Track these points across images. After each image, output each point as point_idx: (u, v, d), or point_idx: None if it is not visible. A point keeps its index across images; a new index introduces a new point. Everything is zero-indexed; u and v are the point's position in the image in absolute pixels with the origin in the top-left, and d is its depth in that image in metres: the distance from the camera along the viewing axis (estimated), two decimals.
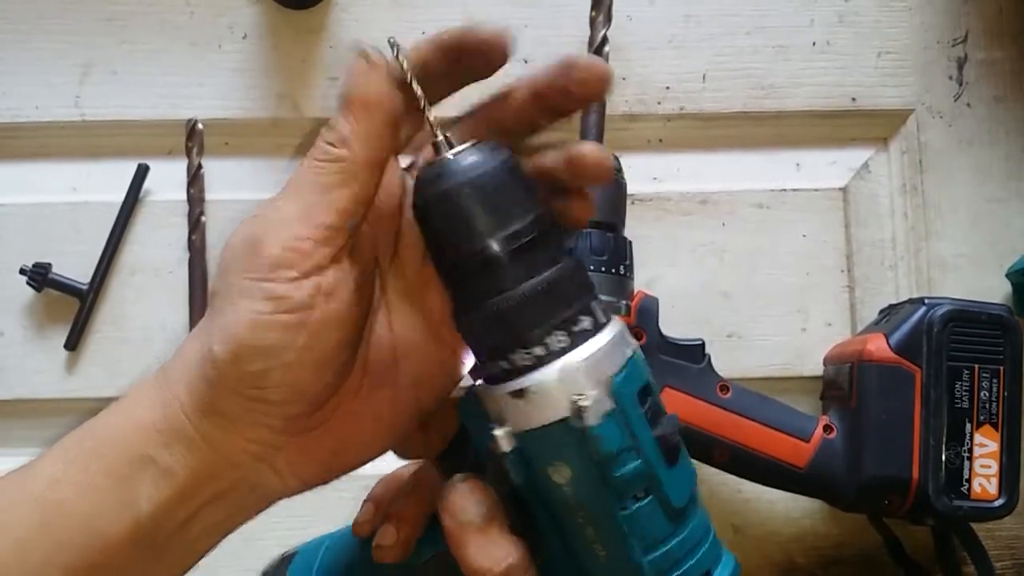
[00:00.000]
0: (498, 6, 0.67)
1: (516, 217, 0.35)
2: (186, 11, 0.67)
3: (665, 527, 0.36)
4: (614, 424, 0.34)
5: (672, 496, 0.36)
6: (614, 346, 0.35)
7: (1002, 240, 0.67)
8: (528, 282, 0.35)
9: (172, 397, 0.35)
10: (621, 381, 0.35)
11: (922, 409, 0.58)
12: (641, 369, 0.36)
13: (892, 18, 0.68)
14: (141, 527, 0.35)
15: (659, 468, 0.35)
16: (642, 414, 0.35)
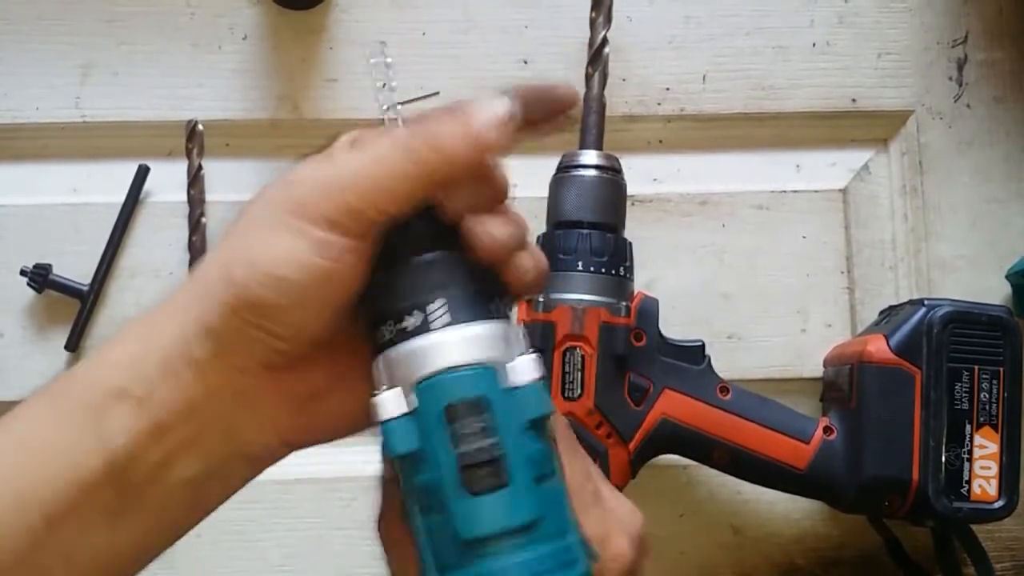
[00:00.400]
0: (498, 6, 0.67)
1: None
2: (186, 12, 0.67)
3: (454, 555, 0.34)
4: (405, 428, 0.34)
5: (460, 525, 0.33)
6: (430, 352, 0.34)
7: (1002, 241, 0.67)
8: (389, 268, 0.36)
9: (158, 329, 0.36)
10: (425, 388, 0.34)
11: (922, 410, 0.58)
12: (461, 386, 0.34)
13: (892, 19, 0.68)
14: (116, 463, 0.35)
15: (451, 490, 0.33)
16: (445, 429, 0.34)
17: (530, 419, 0.35)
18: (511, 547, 0.33)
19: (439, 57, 0.67)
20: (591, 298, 0.56)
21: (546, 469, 0.35)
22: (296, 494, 0.65)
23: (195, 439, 0.36)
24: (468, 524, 0.33)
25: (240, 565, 0.65)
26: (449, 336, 0.35)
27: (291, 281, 0.34)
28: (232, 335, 0.35)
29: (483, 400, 0.34)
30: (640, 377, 0.57)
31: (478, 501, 0.33)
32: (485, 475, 0.33)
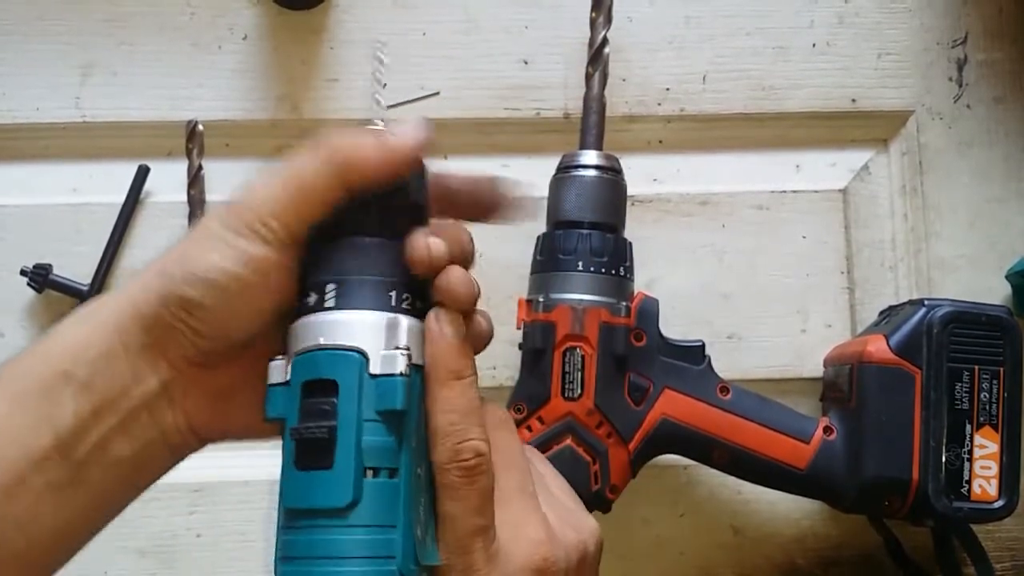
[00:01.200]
0: (498, 6, 0.67)
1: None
2: (186, 12, 0.67)
3: (281, 518, 0.38)
4: (280, 395, 0.38)
5: (283, 492, 0.37)
6: (312, 330, 0.38)
7: (1002, 241, 0.68)
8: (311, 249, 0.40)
9: (103, 317, 0.40)
10: (296, 362, 0.38)
11: (922, 410, 0.58)
12: (321, 364, 0.37)
13: (892, 19, 0.68)
14: (62, 441, 0.38)
15: (286, 460, 0.37)
16: (298, 403, 0.37)
17: (379, 411, 0.37)
18: (321, 527, 0.36)
19: (439, 57, 0.67)
20: (591, 298, 0.56)
21: (383, 463, 0.37)
22: None
23: (127, 422, 0.40)
24: (289, 494, 0.37)
25: (240, 565, 0.65)
26: (329, 317, 0.38)
27: (215, 285, 0.38)
28: (162, 328, 0.39)
29: (334, 383, 0.37)
30: (640, 377, 0.57)
31: (300, 476, 0.37)
32: (311, 453, 0.36)
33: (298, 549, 0.37)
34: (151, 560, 0.64)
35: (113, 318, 0.39)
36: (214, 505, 0.65)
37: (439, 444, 0.38)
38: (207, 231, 0.39)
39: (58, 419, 0.38)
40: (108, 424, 0.39)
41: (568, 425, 0.56)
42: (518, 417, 0.56)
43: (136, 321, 0.39)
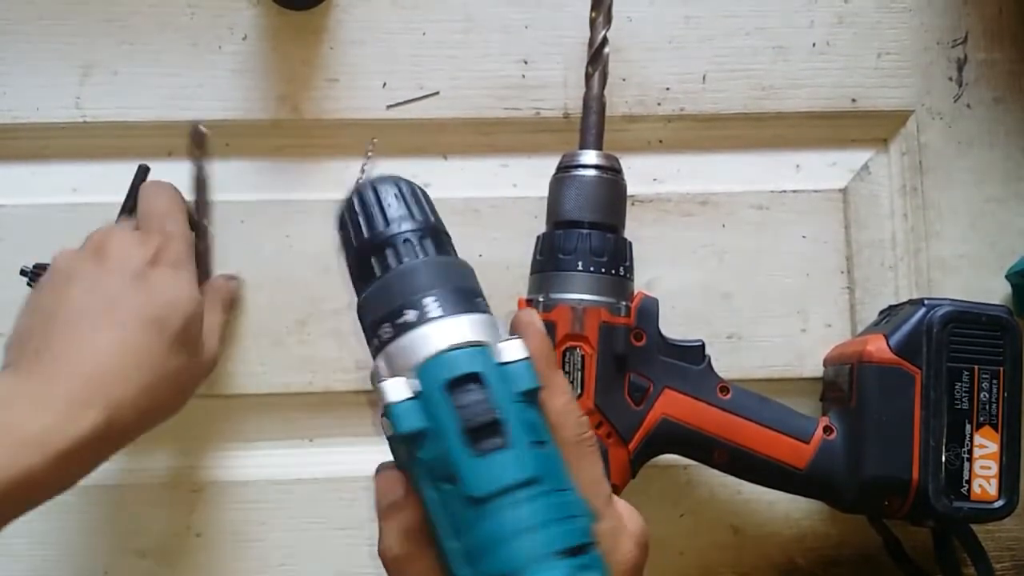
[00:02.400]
0: (498, 6, 0.67)
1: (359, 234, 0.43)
2: (186, 12, 0.67)
3: (467, 516, 0.37)
4: (412, 408, 0.38)
5: (470, 485, 0.37)
6: (428, 338, 0.39)
7: (1002, 241, 0.68)
8: (374, 281, 0.41)
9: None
10: (426, 368, 0.38)
11: (922, 410, 0.58)
12: (459, 362, 0.38)
13: (892, 19, 0.68)
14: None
15: (459, 456, 0.37)
16: (448, 402, 0.38)
17: (522, 391, 0.39)
18: (517, 501, 0.37)
19: (439, 57, 0.67)
20: (591, 298, 0.56)
21: (542, 436, 0.39)
22: (296, 494, 0.65)
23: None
24: (477, 483, 0.37)
25: (240, 565, 0.65)
26: (444, 323, 0.39)
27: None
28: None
29: (479, 373, 0.38)
30: (640, 377, 0.57)
31: (484, 461, 0.37)
32: (488, 437, 0.37)
33: (496, 532, 0.36)
34: (151, 560, 0.64)
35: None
36: (214, 505, 0.65)
37: (566, 421, 0.41)
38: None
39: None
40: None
41: None
42: None
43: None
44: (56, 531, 0.63)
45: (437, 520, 0.38)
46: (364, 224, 0.43)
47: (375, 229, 0.42)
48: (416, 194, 0.44)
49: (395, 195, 0.43)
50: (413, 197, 0.44)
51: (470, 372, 0.38)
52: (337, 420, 0.66)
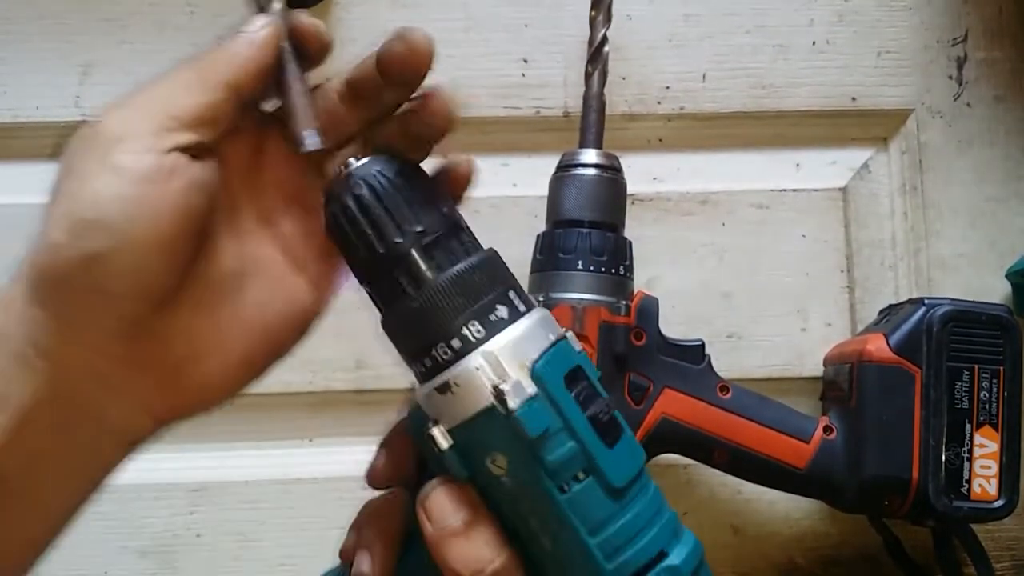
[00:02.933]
0: (498, 6, 0.67)
1: (421, 217, 0.37)
2: (186, 11, 0.67)
3: (608, 507, 0.36)
4: (539, 407, 0.35)
5: (611, 476, 0.36)
6: (534, 333, 0.36)
7: (1002, 240, 0.67)
8: (439, 276, 0.36)
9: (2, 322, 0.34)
10: (543, 365, 0.36)
11: (922, 409, 0.58)
12: (568, 354, 0.37)
13: (892, 18, 0.68)
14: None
15: (595, 448, 0.36)
16: (570, 396, 0.36)
17: (597, 378, 0.38)
18: (644, 485, 0.37)
19: (439, 56, 0.67)
20: (591, 297, 0.56)
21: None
22: (296, 494, 0.65)
23: (62, 426, 0.35)
24: (617, 473, 0.36)
25: (240, 565, 0.65)
26: (536, 317, 0.37)
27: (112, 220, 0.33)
28: (69, 309, 0.33)
29: (580, 366, 0.37)
30: (640, 376, 0.57)
31: (616, 451, 0.36)
32: (612, 428, 0.36)
33: (639, 517, 0.36)
34: (151, 560, 0.64)
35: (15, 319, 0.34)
36: (214, 505, 0.65)
37: None
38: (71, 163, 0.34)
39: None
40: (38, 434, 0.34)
41: None
42: None
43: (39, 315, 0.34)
44: None
45: (564, 521, 0.36)
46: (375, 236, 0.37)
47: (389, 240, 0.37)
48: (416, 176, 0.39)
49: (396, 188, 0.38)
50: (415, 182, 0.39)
51: (576, 366, 0.37)
52: (337, 420, 0.66)
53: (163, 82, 0.36)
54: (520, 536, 0.37)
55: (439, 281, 0.36)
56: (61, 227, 0.33)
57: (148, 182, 0.33)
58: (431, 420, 0.37)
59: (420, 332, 0.36)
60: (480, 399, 0.35)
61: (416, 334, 0.37)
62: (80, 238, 0.33)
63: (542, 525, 0.36)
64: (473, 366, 0.35)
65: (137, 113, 0.34)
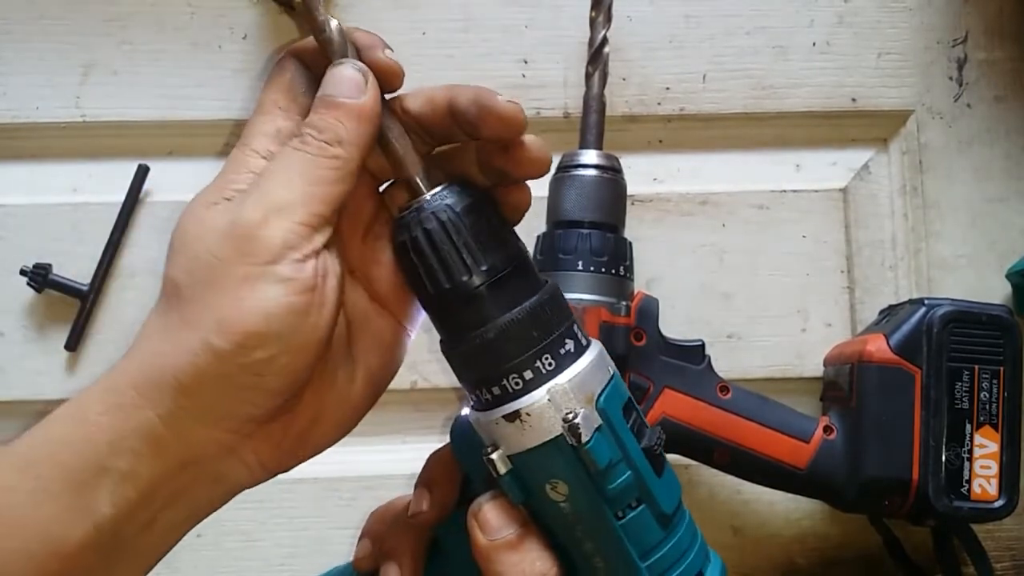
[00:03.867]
0: (498, 6, 0.67)
1: (491, 252, 0.37)
2: (186, 12, 0.67)
3: (658, 533, 0.38)
4: (604, 439, 0.36)
5: (663, 503, 0.38)
6: (597, 366, 0.37)
7: (1002, 240, 0.67)
8: (510, 312, 0.37)
9: (134, 400, 0.35)
10: (606, 398, 0.37)
11: (922, 410, 0.58)
12: (621, 386, 0.38)
13: (892, 18, 0.68)
14: (102, 532, 0.34)
15: (649, 478, 0.37)
16: (628, 428, 0.37)
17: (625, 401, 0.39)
18: (683, 509, 0.39)
19: (439, 57, 0.67)
20: (591, 297, 0.56)
21: None
22: (296, 494, 0.65)
23: (183, 493, 0.36)
24: (668, 500, 0.38)
25: (240, 565, 0.65)
26: (597, 351, 0.38)
27: (281, 331, 0.34)
28: (224, 403, 0.35)
29: (631, 398, 0.38)
30: (640, 376, 0.57)
31: (664, 479, 0.38)
32: (660, 457, 0.38)
33: (683, 540, 0.39)
34: None
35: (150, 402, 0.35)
36: None
37: None
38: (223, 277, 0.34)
39: (96, 512, 0.34)
40: (158, 503, 0.36)
41: None
42: None
43: (183, 400, 0.35)
44: None
45: (619, 546, 0.37)
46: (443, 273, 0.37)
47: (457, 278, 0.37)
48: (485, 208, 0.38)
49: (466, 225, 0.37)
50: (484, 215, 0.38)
51: (629, 398, 0.38)
52: None
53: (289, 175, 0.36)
54: (571, 557, 0.38)
55: (510, 317, 0.37)
56: (223, 336, 0.34)
57: (310, 290, 0.35)
58: (490, 446, 0.37)
59: (491, 363, 0.37)
60: (549, 430, 0.36)
61: (486, 364, 0.37)
62: (249, 347, 0.34)
63: (596, 548, 0.38)
64: (545, 398, 0.36)
65: (290, 217, 0.35)
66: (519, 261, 0.38)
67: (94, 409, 0.35)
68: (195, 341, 0.34)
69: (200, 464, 0.36)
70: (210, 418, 0.35)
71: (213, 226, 0.36)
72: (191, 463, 0.36)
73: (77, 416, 0.35)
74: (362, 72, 0.38)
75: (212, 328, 0.34)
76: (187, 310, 0.35)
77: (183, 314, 0.35)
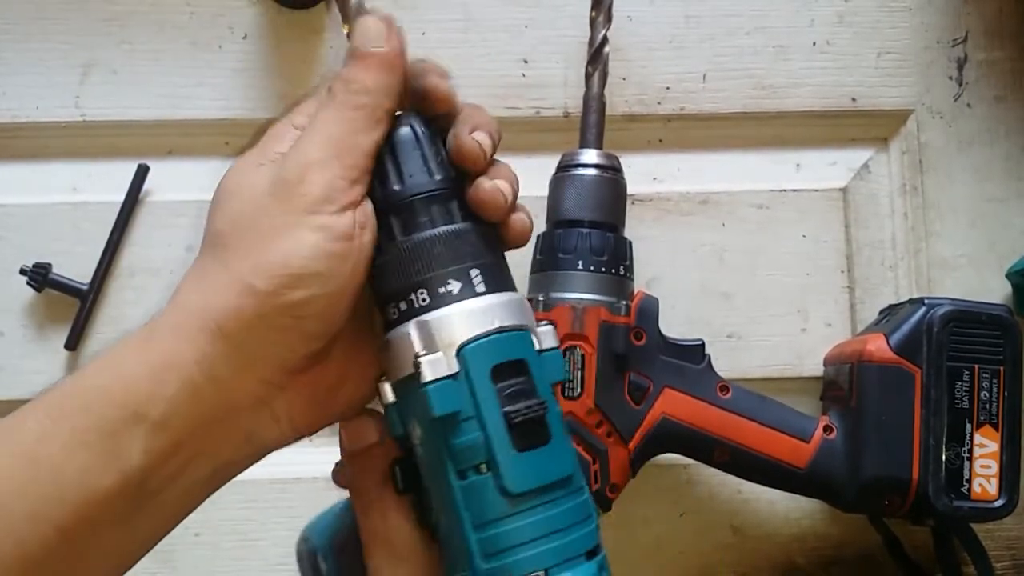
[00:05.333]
0: (498, 6, 0.67)
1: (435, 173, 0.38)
2: (186, 11, 0.67)
3: (501, 508, 0.35)
4: (452, 389, 0.35)
5: (509, 480, 0.35)
6: (481, 315, 0.36)
7: (1002, 240, 0.67)
8: (408, 238, 0.37)
9: (172, 347, 0.36)
10: (474, 349, 0.36)
11: (922, 409, 0.58)
12: (515, 346, 0.37)
13: (892, 18, 0.68)
14: (130, 480, 0.35)
15: (500, 446, 0.35)
16: (492, 388, 0.36)
17: (554, 382, 0.37)
18: (552, 500, 0.36)
19: (439, 57, 0.66)
20: (591, 297, 0.56)
21: (567, 429, 0.38)
22: (296, 494, 0.65)
23: (212, 448, 0.37)
24: (518, 479, 0.35)
25: (239, 565, 0.65)
26: (490, 300, 0.37)
27: (319, 273, 0.36)
28: (257, 345, 0.36)
29: (524, 362, 0.36)
30: (640, 376, 0.57)
31: (526, 456, 0.35)
32: (531, 432, 0.36)
33: (529, 529, 0.35)
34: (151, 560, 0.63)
35: (190, 350, 0.36)
36: (214, 505, 0.64)
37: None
38: (268, 223, 0.36)
39: (127, 459, 0.35)
40: (187, 455, 0.36)
41: (568, 424, 0.56)
42: None
43: (226, 351, 0.36)
44: None
45: (453, 507, 0.36)
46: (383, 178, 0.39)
47: (392, 186, 0.38)
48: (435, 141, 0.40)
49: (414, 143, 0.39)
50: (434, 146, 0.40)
51: (516, 360, 0.36)
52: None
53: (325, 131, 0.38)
54: (429, 505, 0.38)
55: (404, 242, 0.37)
56: (264, 277, 0.36)
57: (348, 239, 0.36)
58: (382, 373, 0.38)
59: (381, 286, 0.38)
60: (407, 365, 0.36)
61: (380, 288, 0.38)
62: (288, 287, 0.35)
63: (439, 503, 0.37)
64: (406, 332, 0.36)
65: (327, 171, 0.37)
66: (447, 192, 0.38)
67: (131, 359, 0.36)
68: (236, 284, 0.36)
69: (233, 418, 0.37)
70: (247, 363, 0.36)
71: (255, 182, 0.38)
72: (225, 416, 0.37)
73: (113, 366, 0.36)
74: (385, 22, 0.39)
75: (253, 270, 0.36)
76: (228, 256, 0.37)
77: (224, 260, 0.37)
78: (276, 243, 0.36)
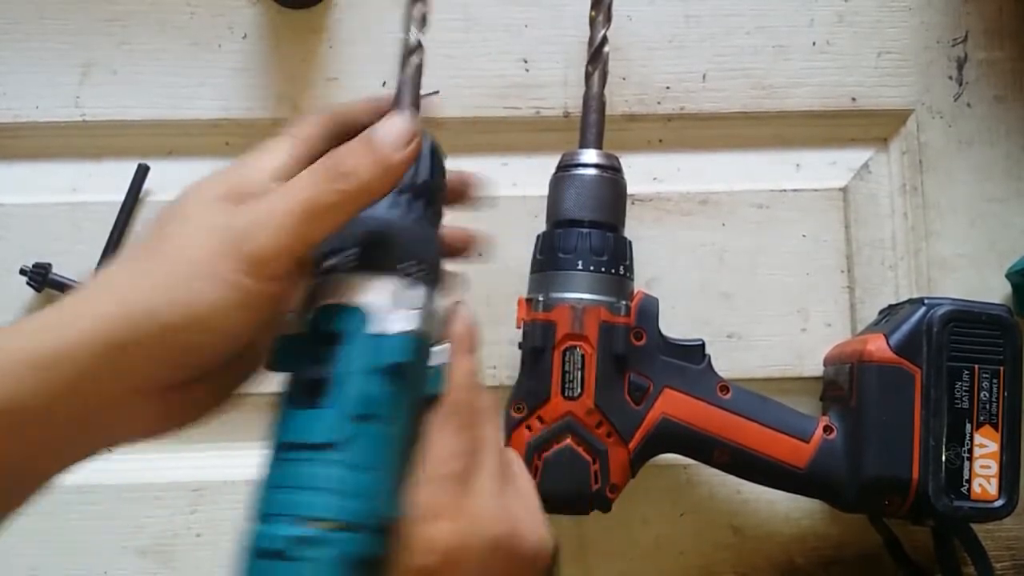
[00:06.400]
0: (498, 6, 0.67)
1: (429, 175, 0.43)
2: (186, 11, 0.67)
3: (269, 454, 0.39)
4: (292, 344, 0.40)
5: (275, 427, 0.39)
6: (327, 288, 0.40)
7: (1002, 240, 0.67)
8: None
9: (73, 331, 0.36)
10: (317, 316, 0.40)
11: (922, 409, 0.58)
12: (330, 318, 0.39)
13: (892, 18, 0.68)
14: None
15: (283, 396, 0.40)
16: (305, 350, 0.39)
17: (381, 365, 0.39)
18: (309, 459, 0.38)
19: (439, 57, 0.67)
20: (591, 297, 0.56)
21: (378, 412, 0.38)
22: None
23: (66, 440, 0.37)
24: (280, 428, 0.39)
25: None
26: (345, 278, 0.40)
27: (213, 329, 0.37)
28: (144, 363, 0.36)
29: (338, 334, 0.39)
30: (640, 376, 0.57)
31: (293, 413, 0.39)
32: (306, 393, 0.38)
33: (284, 479, 0.38)
34: (151, 560, 0.64)
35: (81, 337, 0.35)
36: (214, 505, 0.65)
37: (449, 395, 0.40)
38: (204, 266, 0.37)
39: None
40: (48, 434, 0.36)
41: (568, 424, 0.56)
42: (518, 416, 0.56)
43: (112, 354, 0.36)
44: (56, 531, 0.63)
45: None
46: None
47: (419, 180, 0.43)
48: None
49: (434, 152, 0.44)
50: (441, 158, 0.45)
51: (332, 330, 0.39)
52: None
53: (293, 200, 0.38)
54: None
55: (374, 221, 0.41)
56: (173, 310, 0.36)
57: (267, 305, 0.38)
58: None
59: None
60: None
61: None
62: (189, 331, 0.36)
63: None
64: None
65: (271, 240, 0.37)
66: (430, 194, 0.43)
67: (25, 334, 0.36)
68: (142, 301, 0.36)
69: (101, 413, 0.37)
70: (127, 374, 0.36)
71: (210, 219, 0.38)
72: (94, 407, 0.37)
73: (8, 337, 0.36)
74: (413, 129, 0.40)
75: (163, 299, 0.36)
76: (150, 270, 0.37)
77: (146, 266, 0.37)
78: (196, 283, 0.36)
